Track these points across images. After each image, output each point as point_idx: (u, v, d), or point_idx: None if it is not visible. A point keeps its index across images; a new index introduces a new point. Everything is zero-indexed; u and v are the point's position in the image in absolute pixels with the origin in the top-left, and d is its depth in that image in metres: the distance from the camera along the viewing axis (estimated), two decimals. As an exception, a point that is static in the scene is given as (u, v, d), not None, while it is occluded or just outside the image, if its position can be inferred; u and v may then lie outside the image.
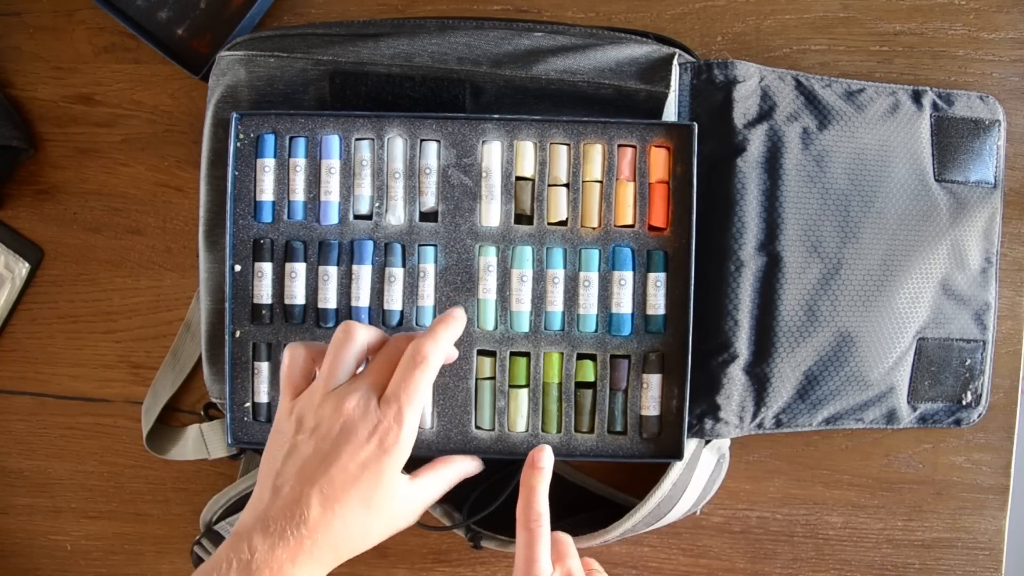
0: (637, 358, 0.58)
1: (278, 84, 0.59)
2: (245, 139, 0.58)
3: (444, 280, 0.58)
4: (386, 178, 0.58)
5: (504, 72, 0.58)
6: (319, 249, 0.58)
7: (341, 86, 0.58)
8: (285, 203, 0.59)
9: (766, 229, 0.59)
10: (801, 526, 0.67)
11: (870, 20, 0.65)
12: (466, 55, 0.58)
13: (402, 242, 0.58)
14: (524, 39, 0.58)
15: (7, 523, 0.72)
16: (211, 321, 0.61)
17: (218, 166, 0.60)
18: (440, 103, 0.59)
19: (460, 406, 0.58)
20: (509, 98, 0.59)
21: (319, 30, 0.60)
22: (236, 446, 0.62)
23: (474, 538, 0.62)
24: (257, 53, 0.59)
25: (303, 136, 0.58)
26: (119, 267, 0.70)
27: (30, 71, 0.70)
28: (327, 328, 0.59)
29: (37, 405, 0.71)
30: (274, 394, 0.59)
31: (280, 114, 0.58)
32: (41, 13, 0.70)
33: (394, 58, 0.58)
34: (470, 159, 0.58)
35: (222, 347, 0.59)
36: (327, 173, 0.58)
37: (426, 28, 0.59)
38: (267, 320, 0.59)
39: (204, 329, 0.61)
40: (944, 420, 0.63)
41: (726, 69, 0.59)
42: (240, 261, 0.59)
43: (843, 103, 0.60)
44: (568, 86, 0.58)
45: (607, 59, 0.58)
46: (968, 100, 0.62)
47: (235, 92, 0.59)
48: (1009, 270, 0.65)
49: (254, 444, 0.60)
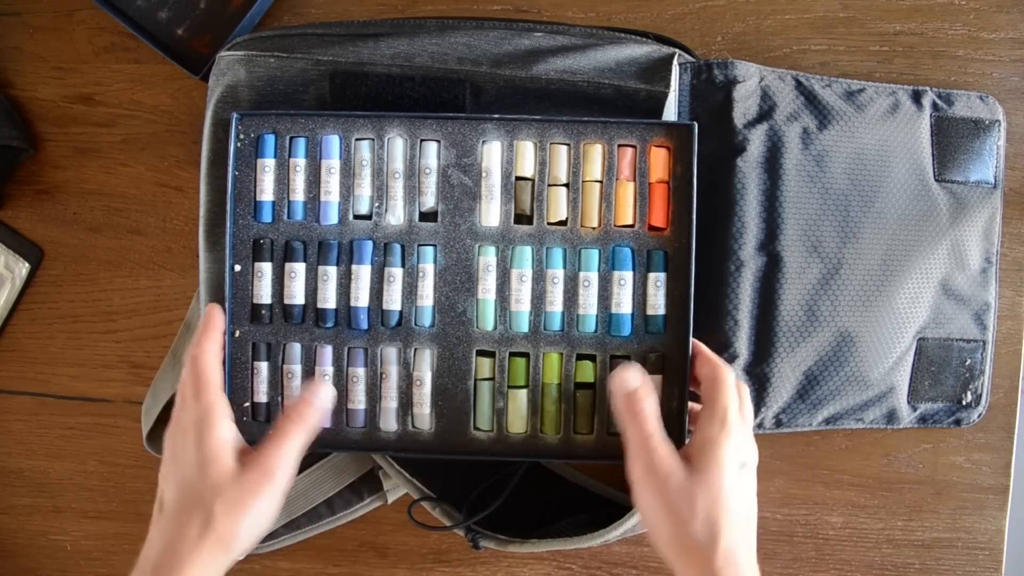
0: (637, 359, 0.58)
1: (278, 84, 0.59)
2: (245, 139, 0.58)
3: (443, 280, 0.58)
4: (386, 178, 0.58)
5: (504, 72, 0.58)
6: (319, 249, 0.58)
7: (341, 86, 0.58)
8: (285, 203, 0.59)
9: (766, 229, 0.59)
10: (801, 526, 0.67)
11: (870, 20, 0.65)
12: (466, 55, 0.58)
13: (402, 242, 0.58)
14: (524, 39, 0.58)
15: (7, 523, 0.72)
16: None
17: (218, 166, 0.60)
18: (440, 103, 0.59)
19: (459, 407, 0.58)
20: (509, 98, 0.59)
21: (319, 30, 0.60)
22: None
23: (474, 538, 0.62)
24: (257, 53, 0.59)
25: (303, 136, 0.58)
26: (119, 267, 0.70)
27: (30, 71, 0.70)
28: (326, 328, 0.59)
29: (37, 405, 0.71)
30: (273, 394, 0.59)
31: (280, 114, 0.58)
32: (41, 13, 0.70)
33: (394, 58, 0.58)
34: (470, 159, 0.58)
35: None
36: (327, 173, 0.58)
37: (426, 28, 0.59)
38: (267, 320, 0.59)
39: None
40: (944, 420, 0.63)
41: (726, 69, 0.59)
42: (240, 261, 0.59)
43: (843, 103, 0.60)
44: (568, 86, 0.58)
45: (607, 59, 0.58)
46: (968, 100, 0.62)
47: (235, 92, 0.59)
48: (1009, 270, 0.64)
49: (254, 444, 0.60)
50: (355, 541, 0.70)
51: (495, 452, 0.58)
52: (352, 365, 0.59)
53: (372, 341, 0.58)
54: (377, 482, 0.66)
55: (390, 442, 0.59)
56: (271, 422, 0.59)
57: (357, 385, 0.59)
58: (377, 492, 0.67)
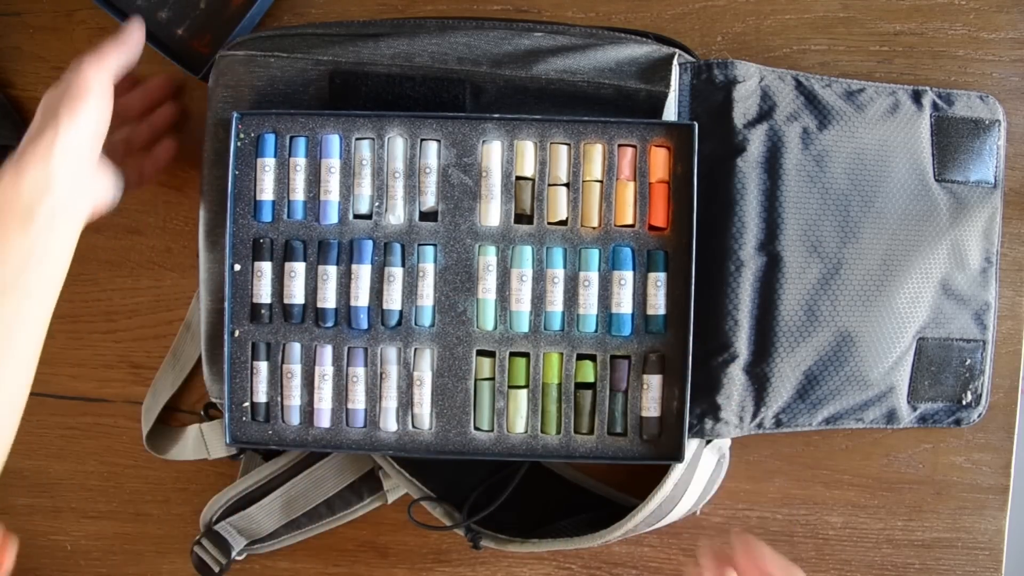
0: (637, 358, 0.58)
1: (278, 84, 0.59)
2: (245, 139, 0.58)
3: (443, 279, 0.58)
4: (386, 178, 0.58)
5: (504, 72, 0.58)
6: (319, 248, 0.58)
7: (341, 86, 0.58)
8: (285, 202, 0.59)
9: (766, 229, 0.59)
10: (801, 526, 0.67)
11: (870, 20, 0.65)
12: (466, 55, 0.58)
13: (402, 241, 0.58)
14: (524, 39, 0.58)
15: (7, 523, 0.72)
16: (211, 321, 0.61)
17: (218, 166, 0.60)
18: (440, 103, 0.59)
19: (459, 407, 0.58)
20: (509, 98, 0.59)
21: (319, 30, 0.60)
22: (234, 446, 0.62)
23: (474, 538, 0.62)
24: (257, 53, 0.59)
25: (303, 136, 0.58)
26: (119, 267, 0.70)
27: (30, 71, 0.70)
28: (326, 327, 0.59)
29: (37, 405, 0.71)
30: (273, 394, 0.59)
31: (280, 114, 0.58)
32: (41, 13, 0.70)
33: (394, 58, 0.58)
34: (470, 159, 0.58)
35: (222, 347, 0.59)
36: (327, 172, 0.58)
37: (426, 28, 0.59)
38: (266, 320, 0.59)
39: (204, 329, 0.61)
40: (944, 420, 0.63)
41: (726, 69, 0.59)
42: (240, 261, 0.59)
43: (843, 103, 0.60)
44: (568, 86, 0.58)
45: (607, 59, 0.58)
46: (968, 100, 0.62)
47: (235, 92, 0.59)
48: (1009, 270, 0.64)
49: (253, 444, 0.60)
50: (355, 541, 0.70)
51: (495, 452, 0.58)
52: (352, 365, 0.59)
53: (372, 341, 0.58)
54: (377, 482, 0.66)
55: (390, 442, 0.59)
56: (271, 422, 0.59)
57: (357, 385, 0.59)
58: (377, 492, 0.67)
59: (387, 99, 0.59)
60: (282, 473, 0.65)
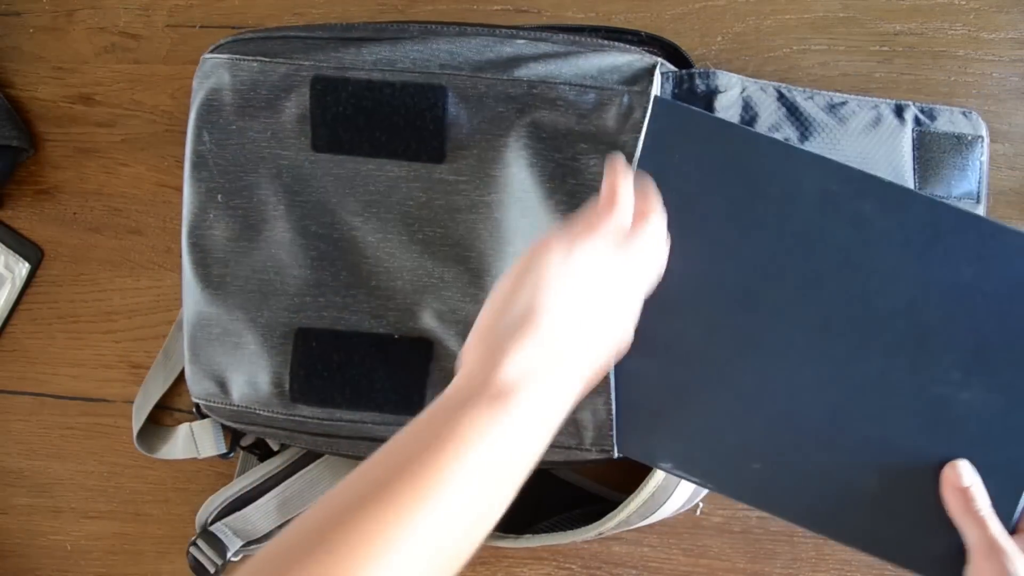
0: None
1: (260, 89, 0.58)
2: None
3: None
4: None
5: (485, 76, 0.57)
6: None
7: (322, 92, 0.58)
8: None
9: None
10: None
11: (870, 20, 0.65)
12: (448, 61, 0.58)
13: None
14: (507, 46, 0.58)
15: (7, 523, 0.72)
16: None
17: (200, 168, 0.59)
18: (418, 111, 0.57)
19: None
20: (489, 110, 0.58)
21: (302, 33, 0.59)
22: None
23: (474, 538, 0.62)
24: (241, 57, 0.58)
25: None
26: (119, 267, 0.70)
27: (30, 71, 0.70)
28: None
29: (37, 405, 0.71)
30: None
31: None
32: (41, 13, 0.70)
33: (376, 64, 0.58)
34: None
35: (204, 346, 0.59)
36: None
37: (409, 33, 0.59)
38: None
39: (187, 330, 0.60)
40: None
41: (707, 79, 0.59)
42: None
43: (825, 115, 0.60)
44: (550, 90, 0.58)
45: (589, 66, 0.57)
46: (951, 115, 0.62)
47: (218, 95, 0.58)
48: (1009, 270, 0.64)
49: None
50: (355, 541, 0.69)
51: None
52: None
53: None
54: (376, 482, 0.66)
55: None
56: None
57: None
58: (376, 492, 0.66)
59: (366, 106, 0.58)
60: (277, 474, 0.65)
